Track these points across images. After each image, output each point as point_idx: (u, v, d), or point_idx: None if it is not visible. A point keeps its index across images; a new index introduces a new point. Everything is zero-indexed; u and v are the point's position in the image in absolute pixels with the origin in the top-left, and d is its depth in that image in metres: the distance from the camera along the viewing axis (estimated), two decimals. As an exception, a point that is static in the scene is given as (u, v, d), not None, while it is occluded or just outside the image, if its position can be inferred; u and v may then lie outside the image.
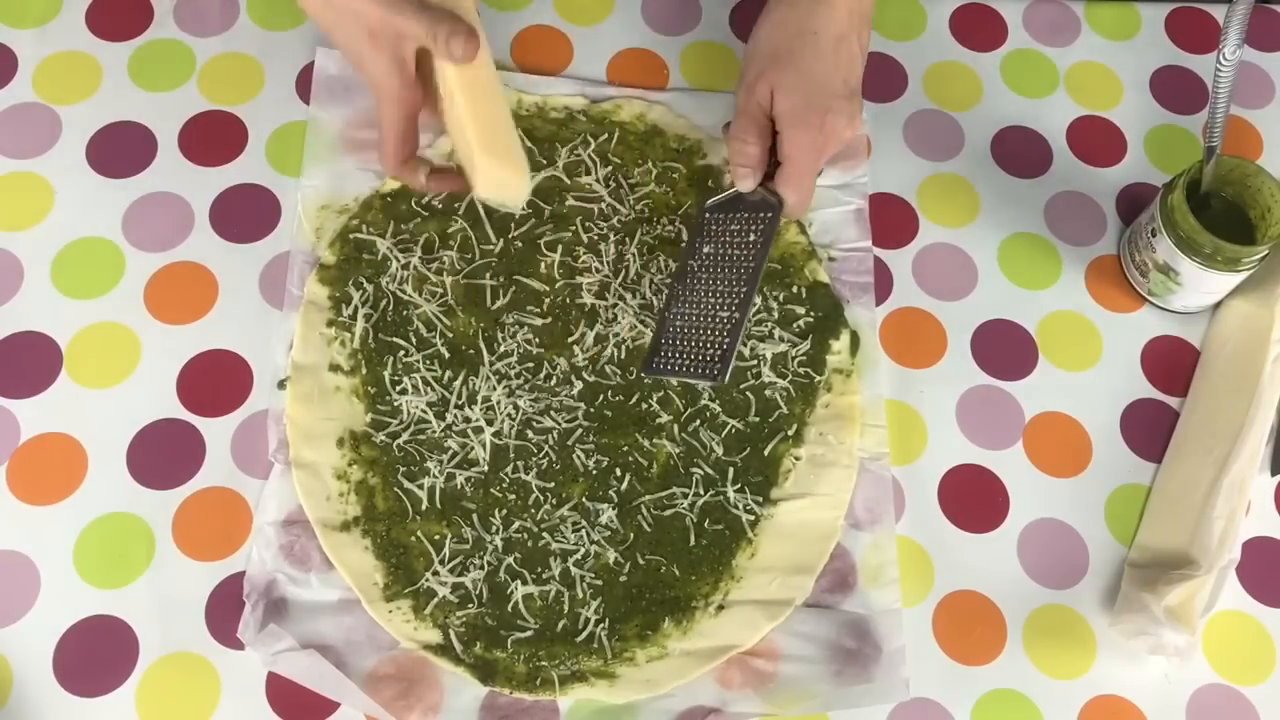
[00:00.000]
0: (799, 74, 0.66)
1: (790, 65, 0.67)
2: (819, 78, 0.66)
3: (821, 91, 0.66)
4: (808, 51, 0.67)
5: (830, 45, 0.67)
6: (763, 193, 0.70)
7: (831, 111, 0.66)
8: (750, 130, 0.68)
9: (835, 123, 0.67)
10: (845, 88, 0.67)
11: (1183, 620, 0.66)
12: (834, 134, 0.67)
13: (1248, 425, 0.73)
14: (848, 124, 0.68)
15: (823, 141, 0.67)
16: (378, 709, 0.64)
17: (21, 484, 0.69)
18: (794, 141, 0.67)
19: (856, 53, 0.68)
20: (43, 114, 0.79)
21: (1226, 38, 0.67)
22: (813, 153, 0.67)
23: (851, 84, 0.68)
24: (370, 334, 0.73)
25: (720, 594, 0.69)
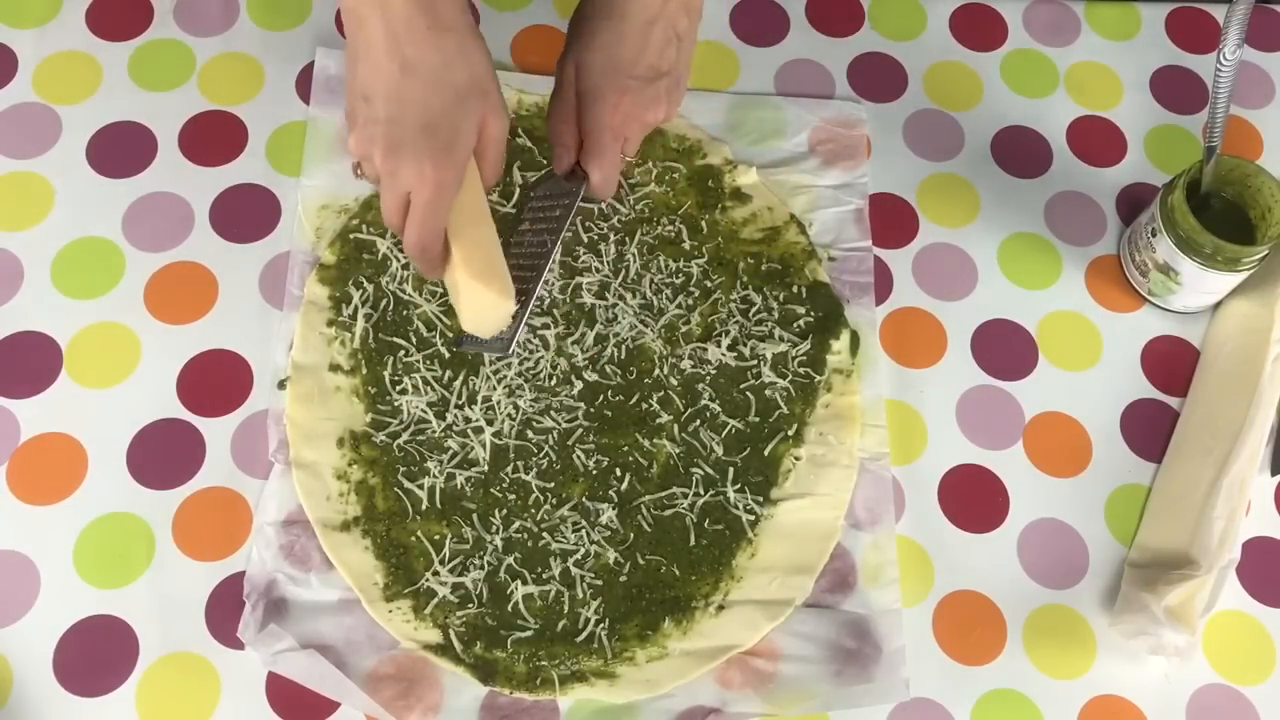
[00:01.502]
0: (600, 53, 0.65)
1: (593, 44, 0.65)
2: (620, 59, 0.65)
3: (620, 73, 0.65)
4: (611, 32, 0.65)
5: (636, 28, 0.65)
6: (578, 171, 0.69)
7: (630, 93, 0.65)
8: (558, 108, 0.67)
9: (634, 104, 0.65)
10: (650, 71, 0.66)
11: (1183, 620, 0.66)
12: (632, 116, 0.66)
13: (1248, 425, 0.73)
14: (649, 108, 0.66)
15: (619, 121, 0.65)
16: (378, 709, 0.64)
17: (21, 484, 0.69)
18: (590, 119, 0.66)
19: (670, 38, 0.66)
20: (43, 114, 0.79)
21: (1226, 38, 0.67)
22: (608, 132, 0.66)
23: (659, 68, 0.66)
24: (370, 334, 0.73)
25: (720, 594, 0.69)
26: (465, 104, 0.58)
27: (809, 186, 0.81)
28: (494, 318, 0.66)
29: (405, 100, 0.57)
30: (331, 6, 0.85)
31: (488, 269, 0.64)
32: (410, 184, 0.59)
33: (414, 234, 0.61)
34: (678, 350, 0.74)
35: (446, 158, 0.58)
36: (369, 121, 0.59)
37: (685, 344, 0.75)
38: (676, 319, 0.75)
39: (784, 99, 0.84)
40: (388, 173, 0.59)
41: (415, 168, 0.58)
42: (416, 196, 0.59)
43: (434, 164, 0.58)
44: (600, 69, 0.65)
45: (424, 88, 0.57)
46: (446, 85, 0.58)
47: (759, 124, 0.83)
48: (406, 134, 0.58)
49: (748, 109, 0.84)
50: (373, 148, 0.59)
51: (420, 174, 0.58)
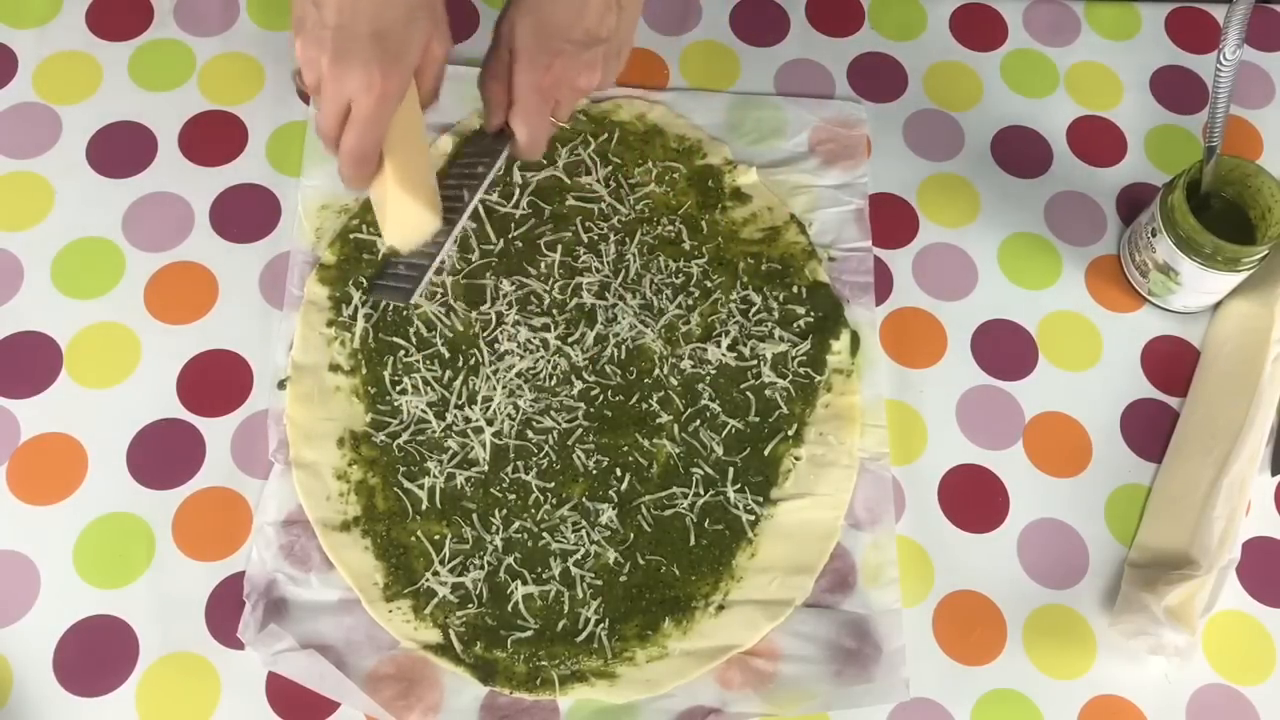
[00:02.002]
0: (536, 14, 0.64)
1: (530, 4, 0.65)
2: (555, 21, 0.64)
3: (553, 35, 0.64)
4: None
5: None
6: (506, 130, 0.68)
7: (563, 56, 0.64)
8: (492, 65, 0.67)
9: (565, 68, 0.64)
10: (586, 36, 0.65)
11: (1183, 620, 0.66)
12: (563, 79, 0.65)
13: (1248, 425, 0.73)
14: (581, 73, 0.65)
15: (550, 83, 0.65)
16: (378, 709, 0.64)
17: (21, 484, 0.69)
18: (520, 78, 0.65)
19: (610, 5, 0.65)
20: (43, 114, 0.79)
21: (1226, 38, 0.67)
22: (537, 93, 0.65)
23: (596, 34, 0.65)
24: (370, 334, 0.73)
25: (720, 594, 0.69)
26: (415, 17, 0.59)
27: (809, 186, 0.81)
28: (417, 232, 0.66)
29: (357, 7, 0.58)
30: (331, 6, 0.85)
31: (418, 182, 0.65)
32: (355, 91, 0.59)
33: (353, 141, 0.61)
34: (678, 350, 0.74)
35: (394, 67, 0.59)
36: (318, 26, 0.59)
37: (685, 344, 0.75)
38: (676, 319, 0.75)
39: (784, 99, 0.84)
40: (334, 78, 0.59)
41: (363, 74, 0.58)
42: (360, 104, 0.60)
43: (382, 72, 0.59)
44: (534, 29, 0.64)
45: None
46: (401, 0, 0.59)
47: (759, 124, 0.83)
48: (356, 41, 0.58)
49: (748, 109, 0.84)
50: (320, 53, 0.59)
51: (367, 81, 0.59)
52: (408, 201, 0.64)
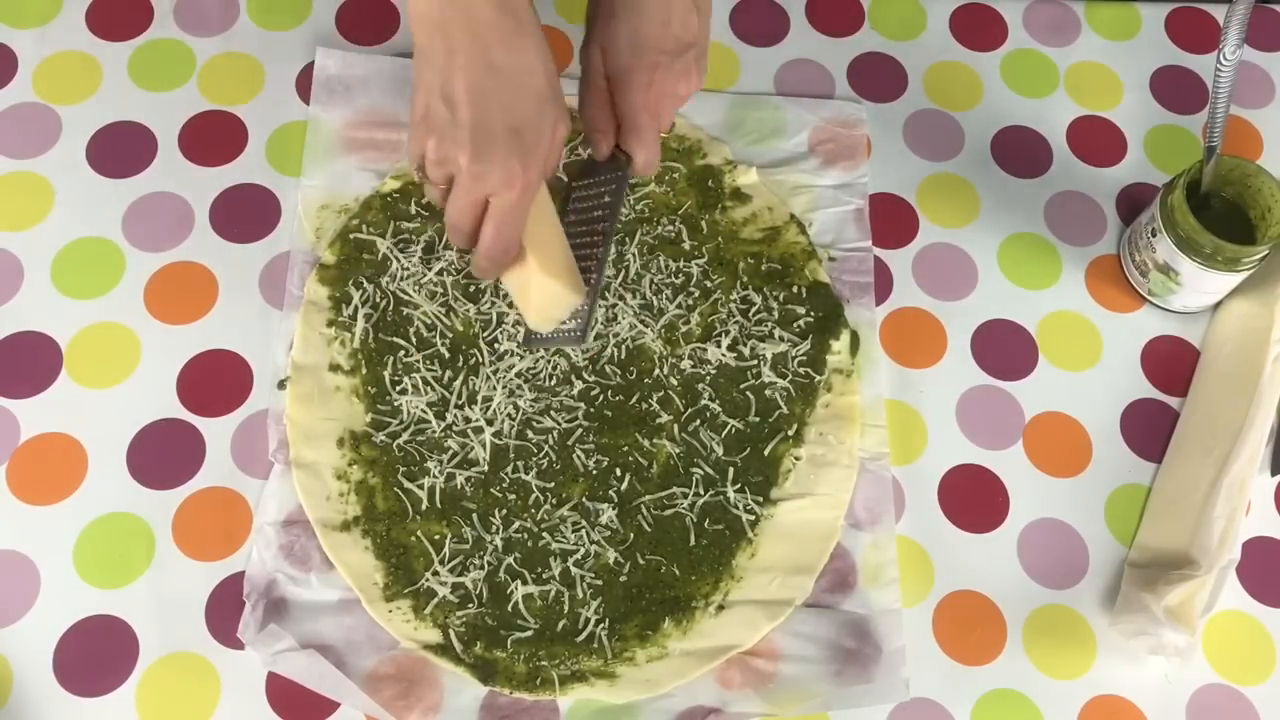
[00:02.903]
0: (625, 33, 0.65)
1: (614, 24, 0.65)
2: (643, 36, 0.64)
3: (647, 50, 0.64)
4: (632, 10, 0.64)
5: (654, 4, 0.64)
6: (618, 154, 0.68)
7: (661, 68, 0.65)
8: (590, 94, 0.67)
9: (665, 79, 0.65)
10: (676, 44, 0.65)
11: (1183, 620, 0.66)
12: (666, 91, 0.65)
13: (1248, 425, 0.73)
14: (680, 81, 0.66)
15: (654, 99, 0.65)
16: (378, 709, 0.64)
17: (21, 484, 0.69)
18: (625, 100, 0.65)
19: (690, 9, 0.65)
20: (43, 114, 0.79)
21: (1226, 38, 0.67)
22: (644, 111, 0.65)
23: (684, 39, 0.65)
24: (370, 334, 0.73)
25: (720, 594, 0.69)
26: (545, 107, 0.59)
27: (809, 186, 0.81)
28: (561, 311, 0.67)
29: (492, 103, 0.57)
30: (331, 6, 0.85)
31: (559, 264, 0.65)
32: (496, 187, 0.59)
33: (495, 236, 0.61)
34: (678, 350, 0.74)
35: (533, 159, 0.59)
36: (450, 124, 0.58)
37: (685, 344, 0.75)
38: (676, 319, 0.75)
39: (784, 99, 0.84)
40: (475, 175, 0.59)
41: (503, 170, 0.58)
42: (501, 199, 0.60)
43: (522, 165, 0.59)
44: (627, 48, 0.65)
45: (511, 91, 0.58)
46: (530, 88, 0.58)
47: (759, 124, 0.83)
48: (494, 137, 0.58)
49: (748, 109, 0.84)
50: (457, 151, 0.58)
51: (508, 176, 0.59)
52: (552, 285, 0.64)
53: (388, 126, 0.80)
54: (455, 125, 0.58)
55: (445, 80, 0.58)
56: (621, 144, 0.67)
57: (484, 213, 0.61)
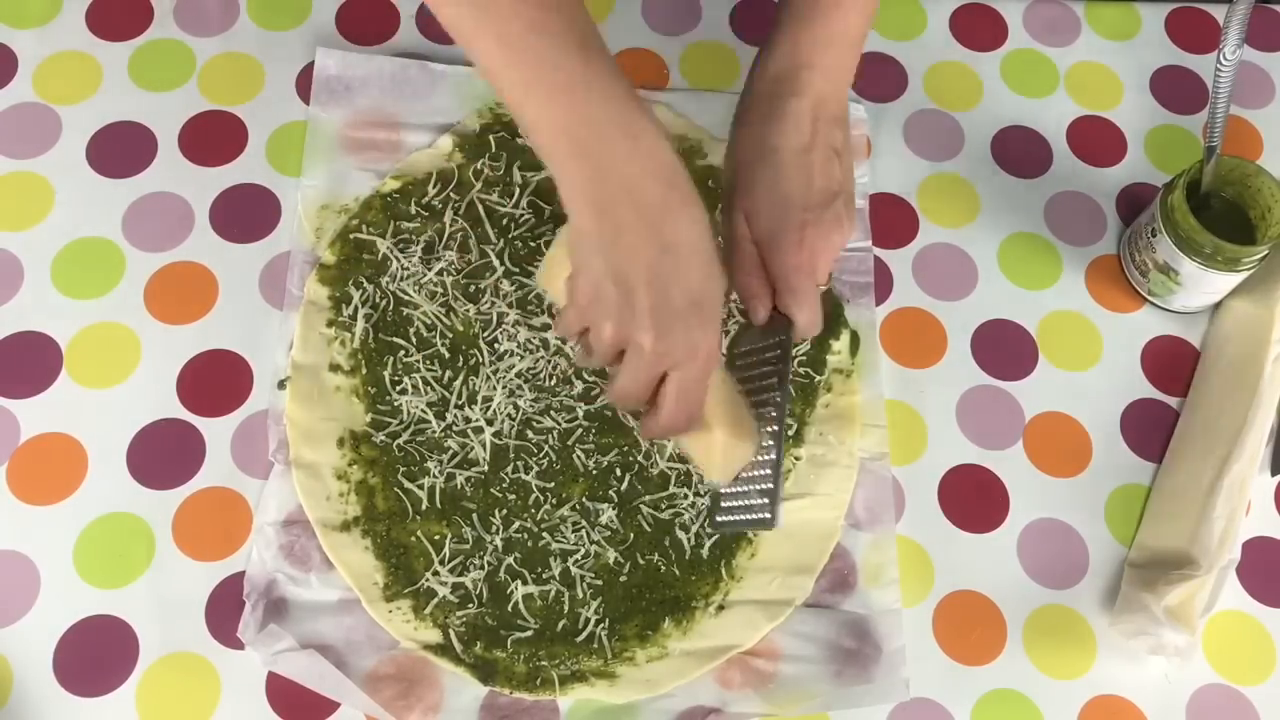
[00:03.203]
0: (765, 195, 0.63)
1: (754, 188, 0.63)
2: (786, 195, 0.63)
3: (792, 208, 0.62)
4: (769, 170, 0.63)
5: (793, 159, 0.63)
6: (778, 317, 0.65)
7: (810, 225, 0.62)
8: (740, 260, 0.64)
9: (816, 236, 0.62)
10: (821, 196, 0.63)
11: (1183, 620, 0.66)
12: (819, 247, 0.63)
13: (1248, 425, 0.73)
14: (834, 231, 0.63)
15: (808, 258, 0.62)
16: (378, 709, 0.64)
17: (21, 484, 0.69)
18: (777, 264, 0.63)
19: (829, 158, 0.64)
20: (43, 114, 0.79)
21: (1226, 38, 0.67)
22: (799, 272, 0.63)
23: (830, 188, 0.64)
24: (370, 334, 0.73)
25: (720, 594, 0.69)
26: (715, 274, 0.57)
27: (809, 186, 0.81)
28: (740, 464, 0.63)
29: (669, 281, 0.55)
30: (331, 6, 0.85)
31: (735, 417, 0.62)
32: (680, 361, 0.57)
33: (681, 408, 0.59)
34: (678, 350, 0.74)
35: (713, 330, 0.57)
36: (628, 309, 0.56)
37: (685, 344, 0.75)
38: (676, 319, 0.75)
39: (784, 99, 0.84)
40: (659, 354, 0.56)
41: (687, 345, 0.56)
42: (686, 370, 0.57)
43: (705, 337, 0.57)
44: (771, 212, 0.63)
45: (686, 265, 0.56)
46: (701, 259, 0.56)
47: (759, 124, 0.83)
48: (676, 315, 0.56)
49: (748, 109, 0.84)
50: (638, 333, 0.56)
51: (692, 350, 0.57)
52: (732, 443, 0.62)
53: (388, 126, 0.80)
54: (633, 308, 0.56)
55: (616, 263, 0.55)
56: (780, 306, 0.64)
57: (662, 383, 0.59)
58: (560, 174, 0.56)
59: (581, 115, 0.55)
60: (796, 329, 0.64)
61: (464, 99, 0.81)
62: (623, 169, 0.55)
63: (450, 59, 0.83)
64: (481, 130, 0.80)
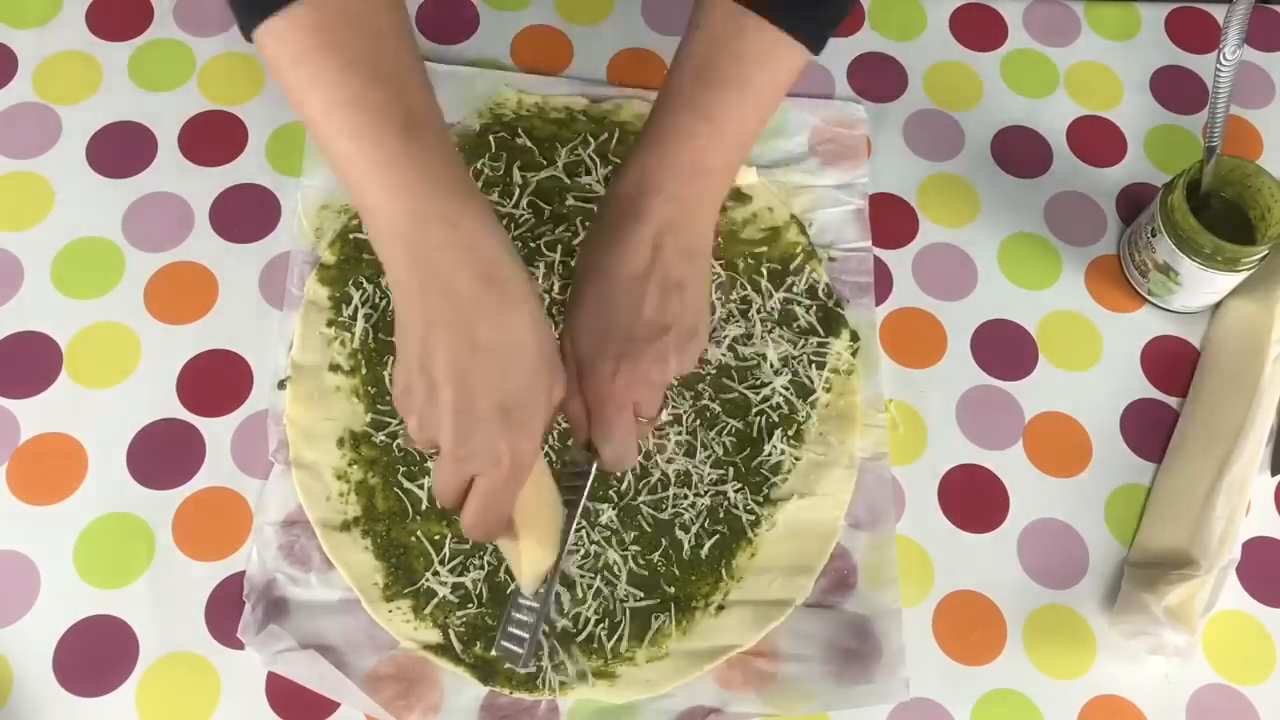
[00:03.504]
0: (589, 319, 0.60)
1: (579, 311, 0.60)
2: (610, 322, 0.59)
3: (612, 337, 0.59)
4: (597, 294, 0.60)
5: (622, 287, 0.59)
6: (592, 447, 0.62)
7: (629, 357, 0.59)
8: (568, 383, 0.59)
9: (633, 370, 0.59)
10: (648, 329, 0.59)
11: (1183, 620, 0.66)
12: (635, 380, 0.59)
13: (1248, 425, 0.73)
14: (653, 367, 0.59)
15: (620, 390, 0.59)
16: (378, 709, 0.64)
17: (21, 484, 0.69)
18: (589, 391, 0.60)
19: (667, 290, 0.60)
20: (43, 114, 0.79)
21: (1226, 38, 0.67)
22: (610, 404, 0.59)
23: (661, 322, 0.59)
24: (370, 334, 0.73)
25: (720, 594, 0.69)
26: (536, 379, 0.54)
27: (809, 186, 0.81)
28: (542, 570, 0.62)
29: (476, 381, 0.52)
30: (331, 6, 0.85)
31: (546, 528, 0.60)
32: (483, 468, 0.54)
33: (479, 514, 0.56)
34: (678, 350, 0.74)
35: (523, 438, 0.54)
36: (431, 405, 0.53)
37: (685, 344, 0.75)
38: (676, 319, 0.75)
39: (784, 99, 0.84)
40: (458, 459, 0.54)
41: (490, 453, 0.54)
42: (487, 479, 0.55)
43: (511, 448, 0.54)
44: (590, 336, 0.60)
45: (498, 368, 0.53)
46: (520, 362, 0.53)
47: (759, 124, 0.83)
48: (478, 418, 0.53)
49: (748, 109, 0.84)
50: (438, 433, 0.54)
51: (495, 459, 0.54)
52: (537, 553, 0.60)
53: (388, 126, 0.80)
54: (435, 406, 0.53)
55: (425, 356, 0.53)
56: (591, 437, 0.61)
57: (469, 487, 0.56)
58: (380, 254, 0.54)
59: (396, 197, 0.52)
60: (602, 461, 0.61)
61: (464, 100, 0.81)
62: (436, 258, 0.52)
63: (450, 59, 0.83)
64: (481, 130, 0.80)
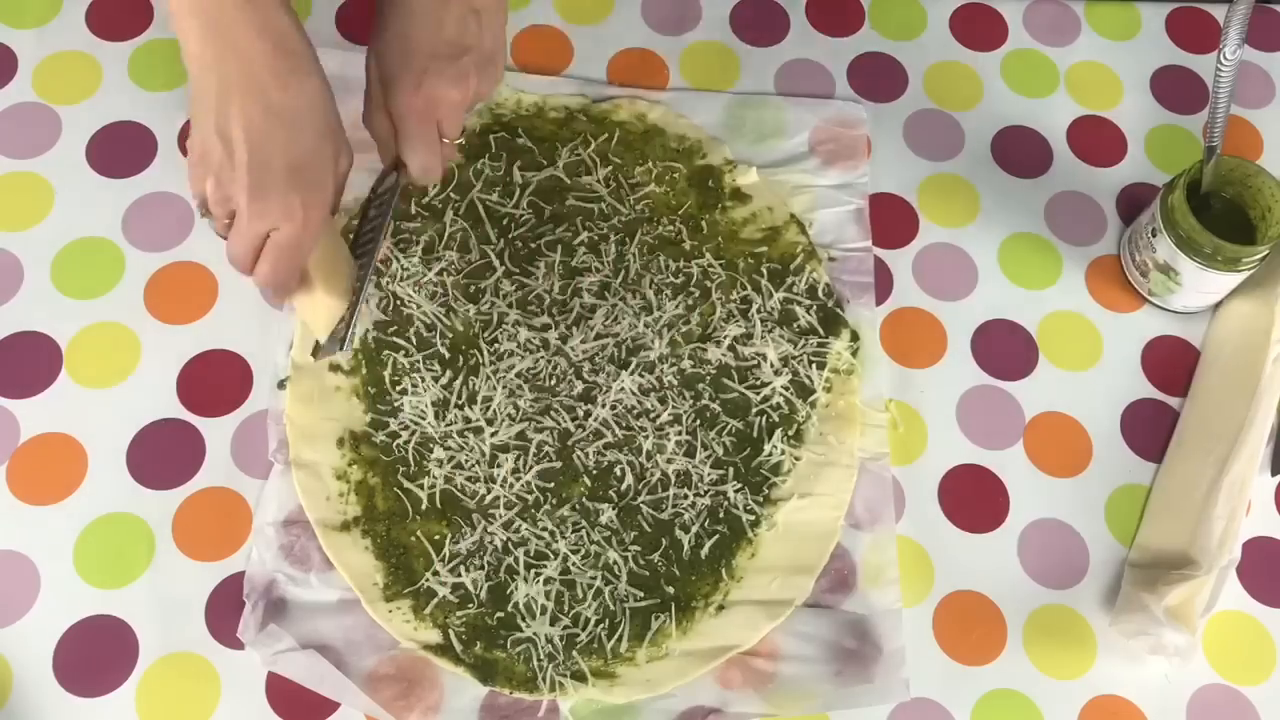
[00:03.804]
0: (393, 39, 0.64)
1: (382, 31, 0.64)
2: (410, 39, 0.63)
3: (415, 54, 0.63)
4: (398, 15, 0.64)
5: (424, 6, 0.63)
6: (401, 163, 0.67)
7: (430, 73, 0.63)
8: (368, 103, 0.66)
9: (435, 84, 0.63)
10: (450, 48, 0.64)
11: (1183, 620, 0.66)
12: (436, 96, 0.64)
13: (1248, 425, 0.73)
14: (453, 85, 0.64)
15: (423, 104, 0.64)
16: (378, 709, 0.64)
17: (21, 484, 0.69)
18: (393, 105, 0.65)
19: (466, 13, 0.64)
20: (43, 114, 0.79)
21: (1227, 38, 0.67)
22: (413, 116, 0.64)
23: (460, 42, 0.64)
24: (370, 334, 0.73)
25: (720, 594, 0.69)
26: (324, 143, 0.60)
27: (809, 186, 0.81)
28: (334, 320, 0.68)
29: (270, 142, 0.58)
30: (331, 6, 0.85)
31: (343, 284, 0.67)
32: (277, 222, 0.60)
33: (273, 269, 0.62)
34: (678, 350, 0.74)
35: (314, 194, 0.60)
36: (228, 165, 0.59)
37: (685, 344, 0.75)
38: (676, 319, 0.75)
39: (784, 99, 0.84)
40: (255, 214, 0.59)
41: (283, 207, 0.59)
42: (283, 233, 0.60)
43: (304, 202, 0.60)
44: (394, 54, 0.64)
45: (289, 130, 0.58)
46: (309, 126, 0.59)
47: (759, 124, 0.83)
48: (273, 175, 0.58)
49: (748, 109, 0.84)
50: (235, 190, 0.59)
51: (289, 213, 0.59)
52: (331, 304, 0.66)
53: (388, 126, 0.80)
54: (233, 165, 0.58)
55: (221, 120, 0.58)
56: (399, 151, 0.66)
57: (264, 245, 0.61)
58: (179, 31, 0.58)
59: None
60: (408, 173, 0.66)
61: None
62: (233, 29, 0.56)
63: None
64: (481, 130, 0.80)
